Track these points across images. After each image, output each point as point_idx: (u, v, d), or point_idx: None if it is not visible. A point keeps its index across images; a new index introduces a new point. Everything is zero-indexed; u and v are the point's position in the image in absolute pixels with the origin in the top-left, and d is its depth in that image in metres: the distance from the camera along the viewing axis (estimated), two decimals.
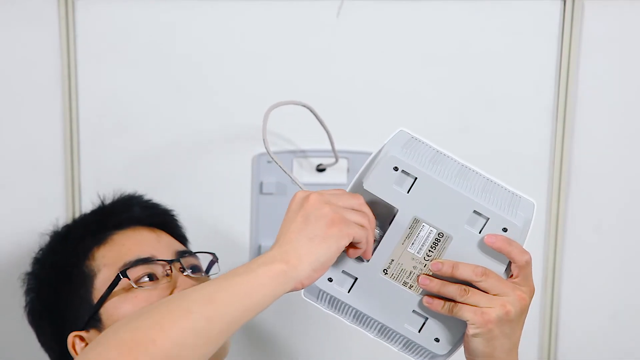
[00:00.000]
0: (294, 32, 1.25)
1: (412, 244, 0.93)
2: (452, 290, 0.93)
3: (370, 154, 1.26)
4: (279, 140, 1.28)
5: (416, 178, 0.92)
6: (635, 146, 1.30)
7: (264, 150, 1.25)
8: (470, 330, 0.93)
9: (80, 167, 1.27)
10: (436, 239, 0.92)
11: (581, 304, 1.35)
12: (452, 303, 0.94)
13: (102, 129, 1.27)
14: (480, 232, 0.92)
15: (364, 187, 0.94)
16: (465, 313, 0.93)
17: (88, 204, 1.28)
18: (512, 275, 0.95)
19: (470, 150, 1.25)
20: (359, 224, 0.93)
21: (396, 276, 0.93)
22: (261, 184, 1.27)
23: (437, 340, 0.95)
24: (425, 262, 0.92)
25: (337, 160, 1.24)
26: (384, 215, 0.95)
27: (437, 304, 0.94)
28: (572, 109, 1.27)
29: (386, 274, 0.93)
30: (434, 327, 0.95)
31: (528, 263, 0.95)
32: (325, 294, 0.95)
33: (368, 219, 0.94)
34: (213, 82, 1.26)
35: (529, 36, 1.25)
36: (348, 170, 1.28)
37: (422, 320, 0.94)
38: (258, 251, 1.28)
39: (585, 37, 1.25)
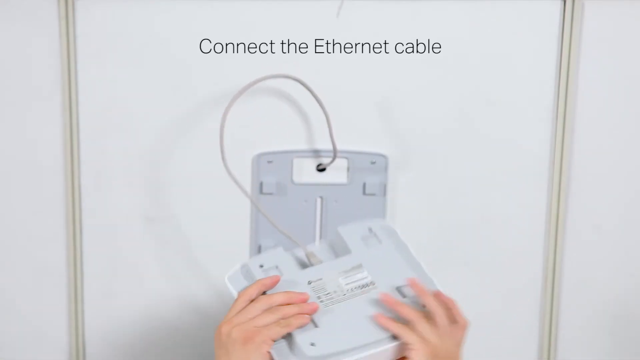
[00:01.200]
0: (293, 32, 1.24)
1: (346, 277, 1.07)
2: (407, 310, 1.01)
3: (370, 154, 1.26)
4: (279, 139, 1.28)
5: (381, 242, 1.09)
6: (635, 146, 1.30)
7: (264, 150, 1.25)
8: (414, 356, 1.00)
9: (80, 167, 1.27)
10: (366, 284, 1.06)
11: (581, 304, 1.34)
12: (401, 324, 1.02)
13: (102, 129, 1.27)
14: (404, 297, 1.06)
15: (337, 229, 1.11)
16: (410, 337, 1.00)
17: (88, 204, 1.29)
18: None
19: (470, 150, 1.27)
20: (273, 323, 1.00)
21: (316, 289, 1.06)
22: (261, 184, 1.27)
23: (312, 344, 1.01)
24: (346, 292, 1.05)
25: (335, 155, 1.25)
26: (338, 248, 1.11)
27: (389, 321, 1.01)
28: (572, 109, 1.27)
29: (309, 284, 1.05)
30: (318, 336, 1.02)
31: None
32: (250, 276, 1.06)
33: (280, 311, 1.01)
34: (213, 82, 1.26)
35: (529, 36, 1.25)
36: (348, 169, 1.28)
37: (312, 327, 1.02)
38: (258, 251, 1.28)
39: (585, 37, 1.24)
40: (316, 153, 1.28)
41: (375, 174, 1.28)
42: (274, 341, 0.99)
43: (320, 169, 1.27)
